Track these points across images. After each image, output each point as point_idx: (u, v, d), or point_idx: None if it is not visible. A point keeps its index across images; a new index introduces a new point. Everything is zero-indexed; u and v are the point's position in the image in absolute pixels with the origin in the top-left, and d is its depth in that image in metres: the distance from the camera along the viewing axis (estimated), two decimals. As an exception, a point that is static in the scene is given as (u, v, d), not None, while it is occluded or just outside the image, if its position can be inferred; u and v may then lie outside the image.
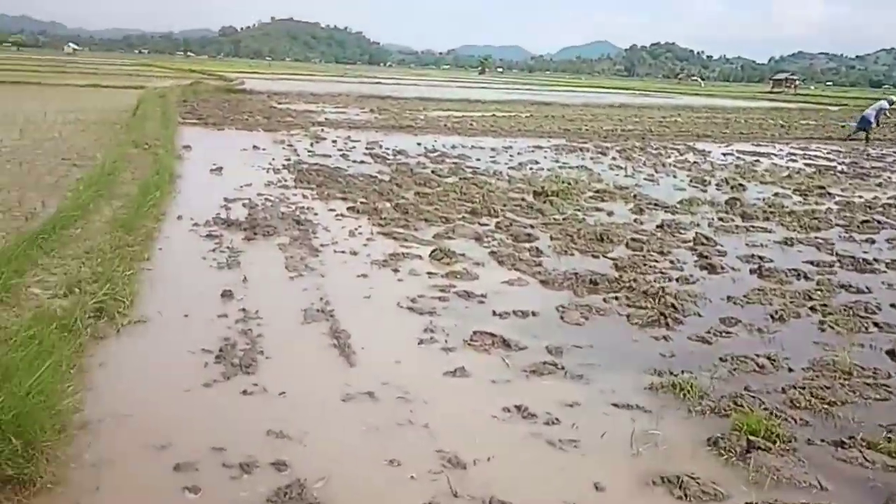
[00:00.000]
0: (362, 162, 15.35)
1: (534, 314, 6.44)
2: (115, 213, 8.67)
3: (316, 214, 10.13)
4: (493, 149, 19.05)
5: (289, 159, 14.93)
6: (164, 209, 9.55)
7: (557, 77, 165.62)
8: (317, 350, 5.50)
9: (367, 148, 17.60)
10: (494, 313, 6.42)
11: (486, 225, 9.99)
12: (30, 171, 12.76)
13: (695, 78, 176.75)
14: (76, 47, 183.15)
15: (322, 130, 20.76)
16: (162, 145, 13.98)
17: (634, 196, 12.59)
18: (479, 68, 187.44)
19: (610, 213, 11.14)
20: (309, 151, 16.32)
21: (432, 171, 14.60)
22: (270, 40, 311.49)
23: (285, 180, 12.60)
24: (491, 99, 43.57)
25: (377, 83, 63.43)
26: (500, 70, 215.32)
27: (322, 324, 6.00)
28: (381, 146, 18.15)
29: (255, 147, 16.27)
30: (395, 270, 7.68)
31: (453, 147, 18.95)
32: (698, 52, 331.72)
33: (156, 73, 59.69)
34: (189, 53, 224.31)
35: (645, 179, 14.93)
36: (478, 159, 17.01)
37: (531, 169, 15.64)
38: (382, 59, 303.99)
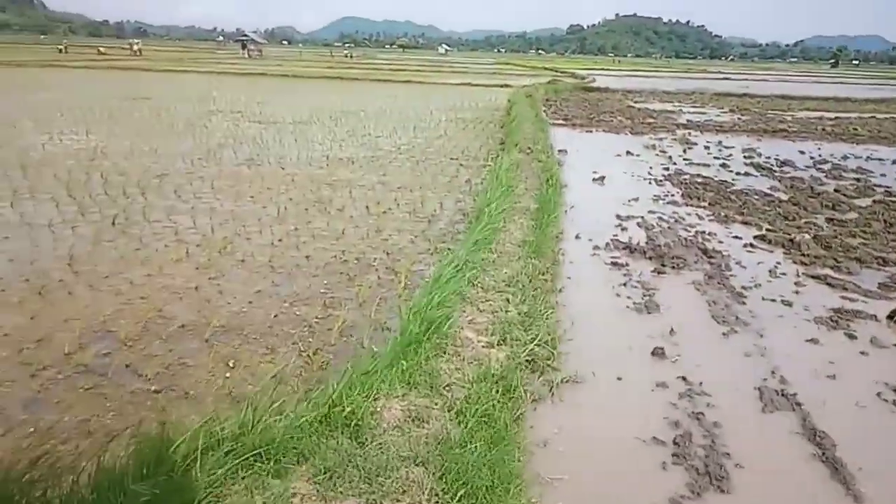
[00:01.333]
0: (747, 174, 13.41)
1: None
2: (521, 232, 8.11)
3: (721, 242, 8.68)
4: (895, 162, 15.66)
5: (667, 168, 13.57)
6: (561, 226, 8.86)
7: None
8: (798, 462, 4.13)
9: (745, 156, 15.50)
10: None
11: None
12: (425, 171, 13.16)
13: None
14: (448, 48, 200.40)
15: (689, 134, 18.96)
16: (542, 150, 13.50)
17: None
18: (833, 61, 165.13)
19: None
20: (684, 159, 14.77)
21: (835, 190, 12.22)
22: (614, 37, 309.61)
23: (671, 195, 11.28)
24: (861, 97, 37.25)
25: (725, 79, 58.56)
26: (855, 63, 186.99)
27: (788, 416, 4.59)
28: (759, 154, 15.92)
29: (628, 153, 15.17)
30: (851, 336, 5.95)
31: (844, 158, 15.97)
32: None
33: (514, 70, 62.00)
34: (540, 51, 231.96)
35: None
36: (883, 175, 13.99)
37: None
38: (724, 53, 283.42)
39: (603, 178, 12.23)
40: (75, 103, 22.59)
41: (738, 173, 13.49)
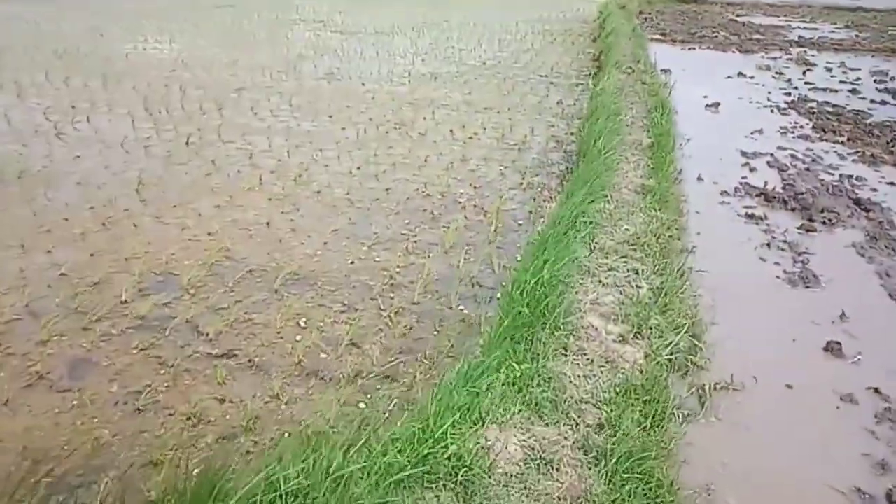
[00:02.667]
0: (883, 102, 11.50)
1: None
2: (637, 174, 6.85)
3: (875, 191, 7.16)
4: None
5: (788, 94, 11.78)
6: (678, 164, 7.56)
7: None
8: None
9: (875, 81, 13.41)
10: None
11: None
12: (513, 89, 11.89)
13: None
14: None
15: (805, 53, 16.72)
16: (644, 69, 11.94)
17: None
18: None
19: None
20: (806, 83, 12.87)
21: None
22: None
23: (801, 126, 9.66)
24: None
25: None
26: None
27: None
28: (890, 77, 13.77)
29: (740, 74, 13.33)
30: None
31: None
32: None
33: (601, -22, 57.67)
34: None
35: None
36: None
37: None
38: None
39: (717, 104, 10.63)
40: (161, 11, 21.88)
41: (872, 101, 11.56)
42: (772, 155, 8.13)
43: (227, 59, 13.76)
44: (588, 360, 3.57)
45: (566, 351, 3.61)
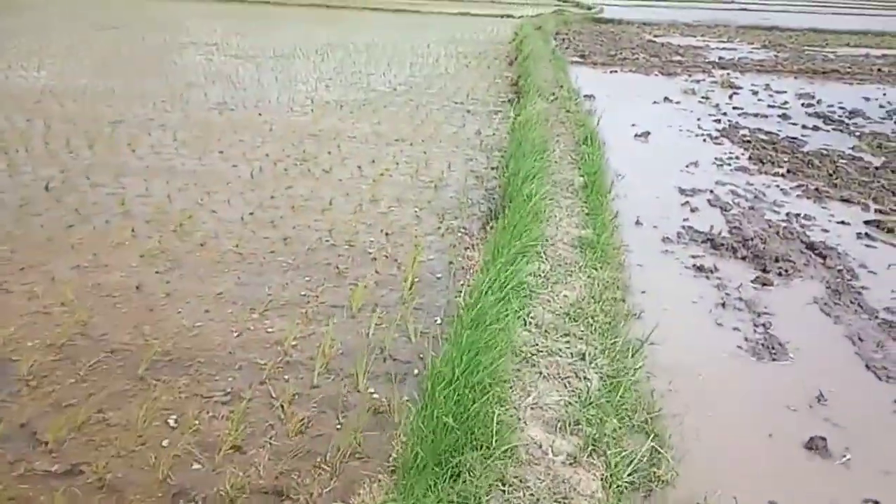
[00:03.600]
0: (815, 128, 11.68)
1: None
2: (571, 222, 6.43)
3: (826, 232, 7.01)
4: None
5: (718, 120, 11.86)
6: (614, 205, 7.22)
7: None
8: None
9: (803, 104, 13.78)
10: None
11: None
12: (427, 117, 11.54)
13: None
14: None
15: (729, 75, 17.20)
16: (567, 96, 11.81)
17: None
18: None
19: None
20: (734, 108, 13.05)
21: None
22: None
23: (736, 156, 9.60)
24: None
25: (742, 10, 55.85)
26: None
27: None
28: (817, 101, 14.16)
29: (666, 99, 13.45)
30: None
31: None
32: None
33: (515, -2, 58.98)
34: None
35: None
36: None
37: None
38: None
39: (647, 133, 10.52)
40: (32, 32, 20.57)
41: (804, 127, 11.76)
42: (711, 191, 7.99)
43: (103, 87, 12.84)
44: (533, 497, 2.98)
45: (504, 486, 2.99)
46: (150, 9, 32.59)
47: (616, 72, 17.14)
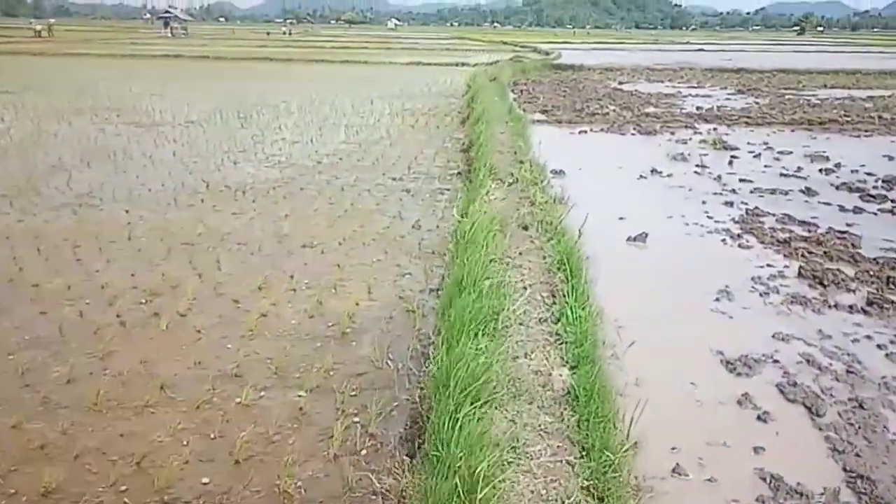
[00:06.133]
0: (856, 210, 8.84)
1: None
2: (555, 446, 3.64)
3: None
4: None
5: (729, 203, 8.86)
6: (624, 414, 4.15)
7: (889, 35, 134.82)
8: None
9: (819, 169, 11.16)
10: None
11: None
12: (352, 207, 8.88)
13: None
14: (398, 22, 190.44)
15: (715, 130, 14.84)
16: (531, 177, 9.10)
17: None
18: (798, 28, 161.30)
19: None
20: (742, 180, 10.39)
21: None
22: (572, 7, 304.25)
23: (780, 272, 6.68)
24: (873, 69, 33.69)
25: (699, 50, 55.14)
26: (820, 29, 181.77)
27: None
28: (834, 164, 11.54)
29: (654, 171, 10.85)
30: None
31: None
32: None
33: (470, 45, 57.64)
34: (495, 24, 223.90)
35: None
36: None
37: None
38: (684, 23, 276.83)
39: (644, 236, 7.66)
40: None
41: (842, 209, 8.98)
42: (774, 360, 4.95)
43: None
44: None
45: None
46: (66, 67, 29.81)
47: (585, 132, 14.64)
